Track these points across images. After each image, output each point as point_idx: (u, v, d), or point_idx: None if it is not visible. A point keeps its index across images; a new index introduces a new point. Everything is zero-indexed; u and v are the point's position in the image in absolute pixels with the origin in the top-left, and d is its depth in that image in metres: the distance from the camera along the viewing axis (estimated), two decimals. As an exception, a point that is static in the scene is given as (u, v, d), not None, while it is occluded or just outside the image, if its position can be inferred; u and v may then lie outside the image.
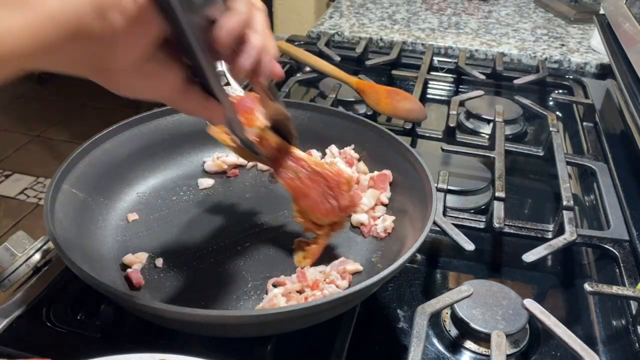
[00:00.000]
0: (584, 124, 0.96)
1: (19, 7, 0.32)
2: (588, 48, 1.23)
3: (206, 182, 0.71)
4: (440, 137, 0.89)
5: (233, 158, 0.73)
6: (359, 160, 0.72)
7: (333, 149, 0.73)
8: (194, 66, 0.43)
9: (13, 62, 0.33)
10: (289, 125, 0.57)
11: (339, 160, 0.70)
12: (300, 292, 0.55)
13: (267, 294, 0.55)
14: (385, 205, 0.66)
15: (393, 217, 0.64)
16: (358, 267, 0.58)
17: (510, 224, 0.69)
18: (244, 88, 0.61)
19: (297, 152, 0.57)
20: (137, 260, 0.58)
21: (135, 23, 0.36)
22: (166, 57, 0.42)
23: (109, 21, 0.35)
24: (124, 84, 0.41)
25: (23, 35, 0.32)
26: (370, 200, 0.66)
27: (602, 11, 1.09)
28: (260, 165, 0.74)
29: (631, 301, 0.59)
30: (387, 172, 0.68)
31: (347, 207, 0.57)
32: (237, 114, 0.50)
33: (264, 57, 0.45)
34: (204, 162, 0.73)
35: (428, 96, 1.10)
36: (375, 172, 0.69)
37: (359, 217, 0.64)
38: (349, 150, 0.72)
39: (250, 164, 0.74)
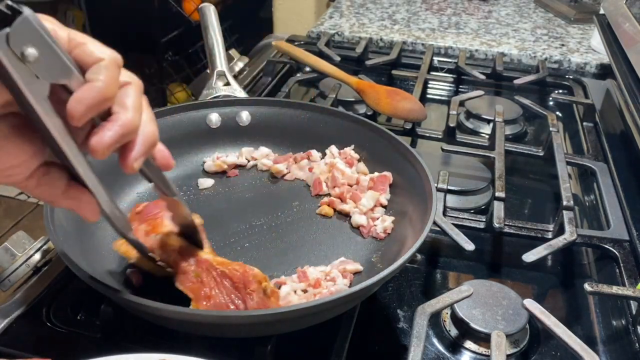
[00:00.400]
0: (584, 124, 0.96)
1: None
2: (588, 48, 1.23)
3: (206, 182, 0.71)
4: (440, 137, 0.89)
5: (233, 158, 0.73)
6: (359, 160, 0.72)
7: (333, 149, 0.73)
8: (52, 149, 0.38)
9: None
10: (196, 228, 0.53)
11: (339, 161, 0.70)
12: (304, 291, 0.55)
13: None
14: (385, 207, 0.66)
15: (392, 218, 0.64)
16: (358, 267, 0.58)
17: (510, 224, 0.69)
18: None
19: (202, 254, 0.52)
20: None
21: None
22: (13, 130, 0.36)
23: None
24: None
25: None
26: (370, 201, 0.66)
27: (602, 11, 1.09)
28: (260, 165, 0.74)
29: (631, 301, 0.59)
30: (388, 173, 0.68)
31: (256, 308, 0.49)
32: (117, 211, 0.44)
33: (136, 137, 0.39)
34: (204, 162, 0.73)
35: (428, 96, 1.10)
36: (376, 174, 0.68)
37: (357, 218, 0.64)
38: (349, 150, 0.72)
39: (251, 163, 0.74)
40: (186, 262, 0.51)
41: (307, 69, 1.09)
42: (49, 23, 0.35)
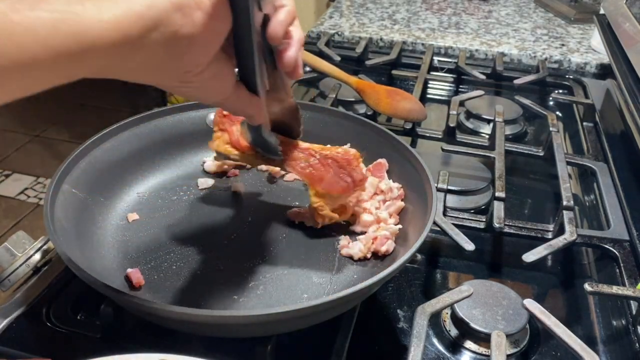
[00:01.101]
0: (584, 124, 0.96)
1: (106, 3, 0.32)
2: (588, 48, 1.23)
3: (206, 182, 0.71)
4: (440, 137, 0.89)
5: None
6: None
7: (329, 148, 0.73)
8: (242, 65, 0.46)
9: (100, 56, 0.33)
10: (297, 117, 0.59)
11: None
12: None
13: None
14: (386, 202, 0.66)
15: (393, 242, 0.61)
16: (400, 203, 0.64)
17: (510, 224, 0.69)
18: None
19: (302, 143, 0.60)
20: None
21: (212, 19, 0.38)
22: (226, 57, 0.43)
23: (190, 18, 0.36)
24: (195, 88, 0.43)
25: (110, 28, 0.32)
26: (370, 188, 0.66)
27: (602, 11, 1.09)
28: (260, 166, 0.74)
29: (631, 301, 0.59)
30: (382, 160, 0.68)
31: (361, 180, 0.59)
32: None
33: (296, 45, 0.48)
34: (204, 162, 0.73)
35: (428, 96, 1.10)
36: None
37: (352, 249, 0.62)
38: (345, 148, 0.72)
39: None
40: (292, 152, 0.59)
41: (307, 69, 1.09)
42: None
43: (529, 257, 0.61)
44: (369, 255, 0.60)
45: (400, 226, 0.61)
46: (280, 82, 0.52)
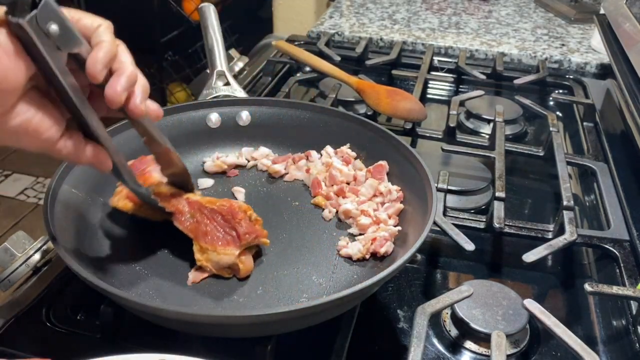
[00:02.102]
0: (584, 124, 0.96)
1: None
2: (588, 48, 1.23)
3: (206, 182, 0.71)
4: (440, 137, 0.89)
5: (233, 158, 0.73)
6: (355, 158, 0.72)
7: (328, 149, 0.73)
8: (69, 110, 0.45)
9: None
10: (184, 175, 0.60)
11: (336, 160, 0.71)
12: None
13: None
14: (383, 204, 0.66)
15: (392, 243, 0.61)
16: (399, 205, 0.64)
17: (510, 224, 0.69)
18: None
19: (191, 196, 0.60)
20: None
21: (5, 57, 0.39)
22: (43, 100, 0.43)
23: None
24: (6, 133, 0.42)
25: None
26: (369, 190, 0.66)
27: (602, 11, 1.09)
28: (260, 166, 0.74)
29: (631, 301, 0.59)
30: (383, 162, 0.68)
31: (247, 234, 0.56)
32: (123, 161, 0.52)
33: (135, 88, 0.46)
34: (204, 162, 0.73)
35: (428, 96, 1.10)
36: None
37: (351, 249, 0.62)
38: (345, 149, 0.72)
39: (251, 163, 0.74)
40: (180, 205, 0.58)
41: (307, 69, 1.09)
42: None
43: (529, 257, 0.61)
44: (367, 256, 0.60)
45: (399, 228, 0.61)
46: (146, 128, 0.52)
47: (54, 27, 0.41)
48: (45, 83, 0.44)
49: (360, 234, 0.63)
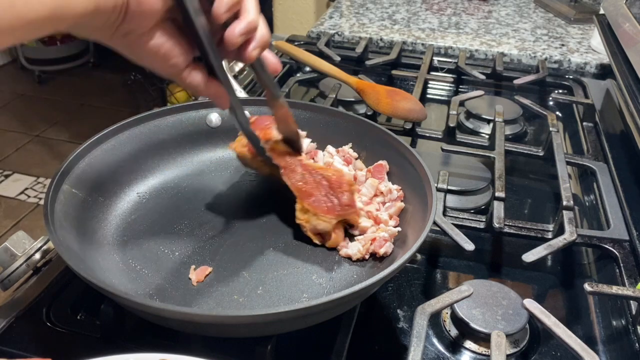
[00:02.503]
0: (584, 124, 0.96)
1: None
2: (588, 48, 1.23)
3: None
4: (440, 137, 0.89)
5: None
6: (356, 158, 0.72)
7: (330, 148, 0.73)
8: (197, 46, 0.48)
9: (74, 19, 0.39)
10: (297, 133, 0.63)
11: (337, 159, 0.71)
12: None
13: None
14: (384, 203, 0.66)
15: (392, 244, 0.61)
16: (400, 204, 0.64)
17: (510, 224, 0.69)
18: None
19: (304, 159, 0.63)
20: (203, 272, 0.58)
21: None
22: (177, 32, 0.47)
23: None
24: (137, 50, 0.47)
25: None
26: (370, 190, 0.66)
27: (602, 11, 1.09)
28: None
29: (631, 301, 0.59)
30: (383, 162, 0.68)
31: (347, 205, 0.59)
32: (239, 104, 0.56)
33: (255, 35, 0.49)
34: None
35: (428, 96, 1.10)
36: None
37: (363, 223, 0.63)
38: (347, 149, 0.72)
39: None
40: (292, 164, 0.62)
41: (307, 69, 1.09)
42: None
43: (529, 257, 0.61)
44: (367, 256, 0.60)
45: (399, 229, 0.61)
46: (264, 81, 0.56)
47: None
48: (180, 19, 0.47)
49: (360, 234, 0.63)
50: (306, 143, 0.74)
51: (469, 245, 0.62)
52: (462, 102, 0.95)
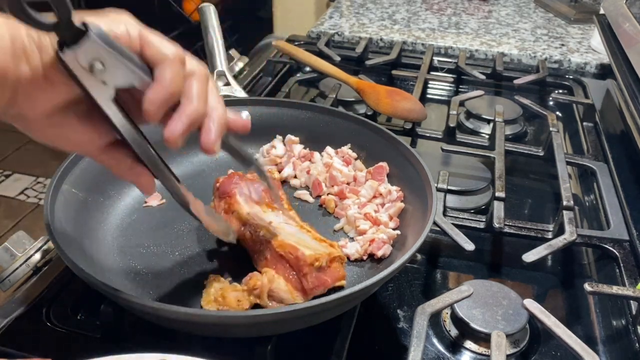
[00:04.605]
0: (584, 124, 0.96)
1: None
2: (588, 48, 1.23)
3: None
4: (440, 137, 0.89)
5: (281, 150, 0.74)
6: (356, 159, 0.72)
7: (329, 150, 0.73)
8: (120, 137, 0.43)
9: None
10: (276, 194, 0.59)
11: (337, 160, 0.71)
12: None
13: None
14: (383, 205, 0.66)
15: (390, 246, 0.61)
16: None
17: (510, 224, 0.69)
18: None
19: (267, 234, 0.56)
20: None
21: (43, 79, 0.38)
22: (84, 115, 0.42)
23: (19, 69, 0.37)
24: (35, 130, 0.42)
25: None
26: (369, 191, 0.66)
27: (602, 11, 1.09)
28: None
29: (631, 301, 0.59)
30: (383, 163, 0.68)
31: (313, 289, 0.53)
32: (180, 188, 0.50)
33: (207, 123, 0.44)
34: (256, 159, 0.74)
35: (428, 96, 1.10)
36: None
37: (362, 225, 0.63)
38: (346, 149, 0.72)
39: (268, 169, 0.74)
40: (256, 245, 0.57)
41: (307, 69, 1.09)
42: (122, 24, 0.40)
43: (529, 257, 0.61)
44: (365, 257, 0.60)
45: (398, 232, 0.61)
46: (236, 150, 0.50)
47: (98, 65, 0.38)
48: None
49: (359, 236, 0.63)
50: (297, 149, 0.74)
51: (469, 245, 0.62)
52: (462, 102, 0.95)
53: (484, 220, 0.69)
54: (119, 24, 0.40)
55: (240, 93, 0.85)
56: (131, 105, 0.42)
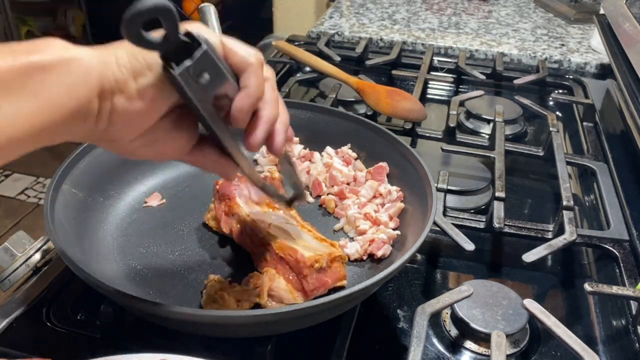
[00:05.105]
0: (584, 124, 0.96)
1: (22, 97, 0.33)
2: (588, 48, 1.23)
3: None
4: (440, 137, 0.89)
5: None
6: (356, 159, 0.72)
7: (329, 150, 0.73)
8: (210, 133, 0.45)
9: (13, 148, 0.35)
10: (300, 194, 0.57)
11: (337, 160, 0.71)
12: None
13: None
14: (383, 205, 0.66)
15: (390, 246, 0.61)
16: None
17: (510, 224, 0.69)
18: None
19: (268, 237, 0.57)
20: None
21: (136, 101, 0.39)
22: (173, 125, 0.43)
23: (108, 102, 0.38)
24: (129, 151, 0.43)
25: (25, 123, 0.34)
26: (369, 191, 0.66)
27: (602, 11, 1.09)
28: (265, 171, 0.74)
29: (631, 301, 0.59)
30: (383, 164, 0.68)
31: (314, 290, 0.53)
32: (256, 171, 0.52)
33: (277, 126, 0.46)
34: (255, 160, 0.74)
35: (428, 96, 1.10)
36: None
37: (362, 225, 0.63)
38: (346, 149, 0.72)
39: (268, 169, 0.74)
40: (256, 247, 0.57)
41: (307, 69, 1.09)
42: (204, 33, 0.40)
43: (529, 257, 0.61)
44: (364, 257, 0.60)
45: (398, 232, 0.61)
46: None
47: (205, 76, 0.40)
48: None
49: (359, 236, 0.63)
50: (297, 149, 0.74)
51: (469, 245, 0.62)
52: (462, 102, 0.95)
53: (484, 220, 0.69)
54: (201, 31, 0.40)
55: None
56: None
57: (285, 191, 0.57)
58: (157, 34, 0.37)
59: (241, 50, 0.43)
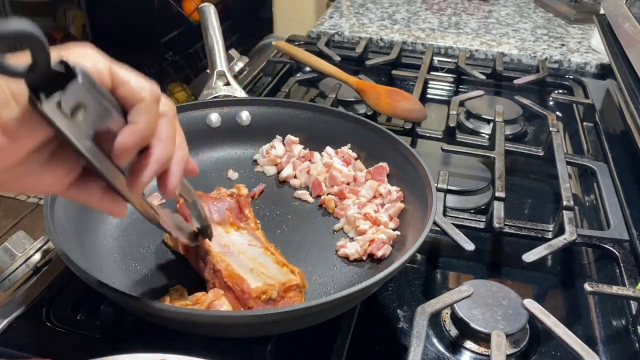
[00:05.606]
0: (584, 124, 0.96)
1: None
2: (588, 48, 1.23)
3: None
4: (440, 137, 0.89)
5: (281, 150, 0.73)
6: (356, 159, 0.72)
7: (329, 150, 0.73)
8: (94, 171, 0.39)
9: None
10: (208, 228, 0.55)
11: (336, 160, 0.71)
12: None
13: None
14: (384, 205, 0.66)
15: (390, 246, 0.61)
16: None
17: (510, 224, 0.69)
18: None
19: (220, 262, 0.55)
20: None
21: (1, 137, 0.34)
22: (47, 158, 0.38)
23: None
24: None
25: None
26: (369, 191, 0.66)
27: (602, 11, 1.09)
28: (267, 171, 0.74)
29: (631, 301, 0.59)
30: (383, 164, 0.68)
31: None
32: (149, 207, 0.47)
33: (172, 167, 0.42)
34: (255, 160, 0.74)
35: (428, 96, 1.10)
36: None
37: (361, 226, 0.63)
38: (346, 149, 0.72)
39: (268, 169, 0.74)
40: (208, 272, 0.55)
41: (307, 69, 1.09)
42: (88, 59, 0.36)
43: (529, 257, 0.61)
44: (364, 257, 0.60)
45: (398, 232, 0.61)
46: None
47: (82, 111, 0.35)
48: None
49: (359, 236, 0.63)
50: (297, 149, 0.74)
51: (469, 245, 0.62)
52: (462, 102, 0.95)
53: (484, 220, 0.69)
54: (85, 59, 0.36)
55: (240, 93, 0.85)
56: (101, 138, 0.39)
57: (194, 222, 0.54)
58: (22, 61, 0.31)
59: (133, 83, 0.38)
